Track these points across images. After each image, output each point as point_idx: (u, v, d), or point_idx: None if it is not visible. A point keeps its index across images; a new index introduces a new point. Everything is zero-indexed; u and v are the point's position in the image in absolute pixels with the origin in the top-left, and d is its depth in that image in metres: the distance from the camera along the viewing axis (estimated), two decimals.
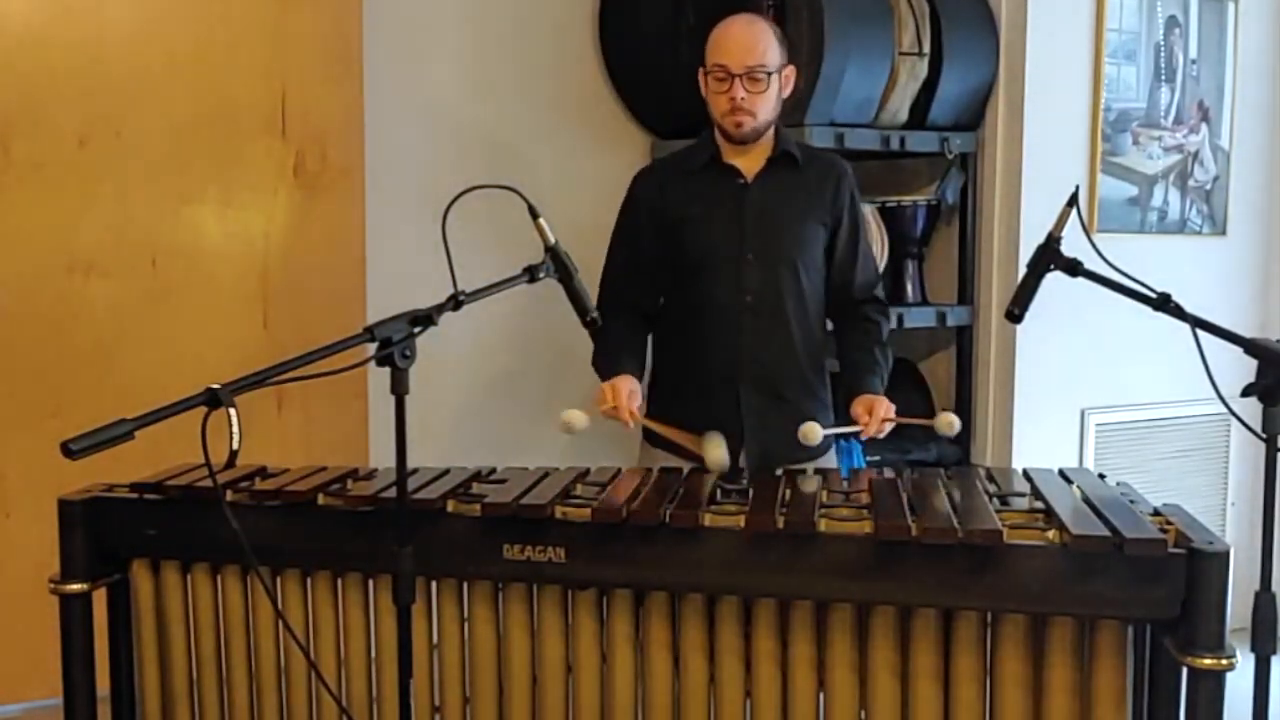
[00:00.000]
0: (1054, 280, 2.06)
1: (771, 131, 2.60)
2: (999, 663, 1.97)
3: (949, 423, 2.45)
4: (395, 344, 1.81)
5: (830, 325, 2.75)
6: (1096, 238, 2.12)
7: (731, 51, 2.50)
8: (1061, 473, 2.30)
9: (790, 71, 2.59)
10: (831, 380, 2.76)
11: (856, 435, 2.51)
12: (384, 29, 3.40)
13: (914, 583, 1.96)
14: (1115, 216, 3.63)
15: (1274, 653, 1.84)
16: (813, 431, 2.42)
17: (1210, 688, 1.85)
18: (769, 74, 2.51)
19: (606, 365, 2.60)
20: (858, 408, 2.52)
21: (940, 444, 3.56)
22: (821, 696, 2.06)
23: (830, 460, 2.74)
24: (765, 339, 2.60)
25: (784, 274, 2.60)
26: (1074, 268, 2.02)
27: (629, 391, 2.50)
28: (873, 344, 2.67)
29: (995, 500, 2.15)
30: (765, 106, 2.53)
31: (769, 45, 2.52)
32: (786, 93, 2.60)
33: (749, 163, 2.61)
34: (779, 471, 2.41)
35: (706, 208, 2.61)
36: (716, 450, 2.43)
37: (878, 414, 2.47)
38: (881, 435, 2.50)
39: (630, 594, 2.11)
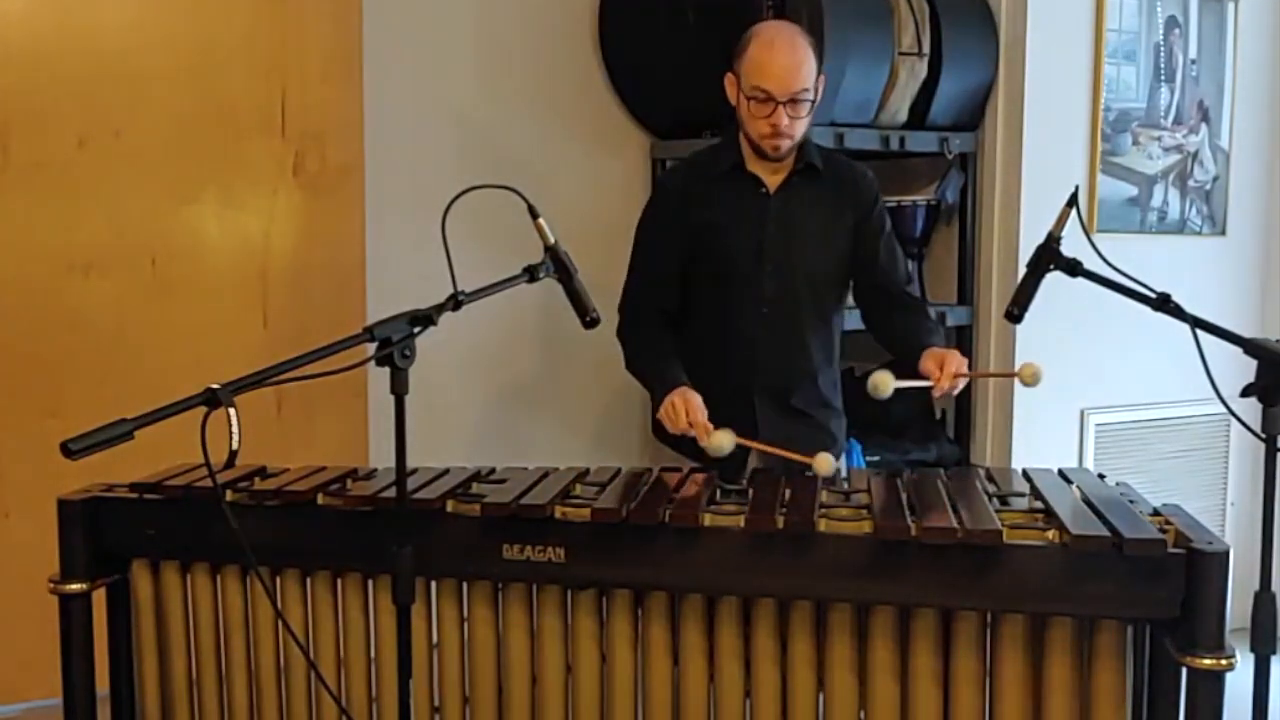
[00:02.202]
0: (1054, 280, 2.06)
1: None
2: (999, 663, 1.97)
3: (1033, 373, 2.29)
4: (395, 344, 1.81)
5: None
6: (1096, 238, 2.12)
7: (776, 77, 2.42)
8: (1061, 473, 2.30)
9: (822, 80, 2.52)
10: (849, 374, 2.70)
11: (930, 389, 2.38)
12: (384, 29, 3.40)
13: (913, 583, 1.96)
14: (1115, 216, 3.63)
15: (1274, 653, 1.84)
16: (884, 382, 2.31)
17: (1210, 688, 1.85)
18: (811, 100, 2.47)
19: (658, 373, 2.51)
20: (928, 362, 2.38)
21: (940, 444, 3.57)
22: (821, 696, 2.06)
23: None
24: (781, 350, 2.60)
25: (801, 287, 2.59)
26: (1074, 268, 2.02)
27: (699, 404, 2.40)
28: (925, 316, 2.63)
29: (995, 500, 2.14)
30: (804, 128, 2.50)
31: (811, 67, 2.46)
32: (819, 100, 2.53)
33: (772, 173, 2.58)
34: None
35: (727, 217, 2.58)
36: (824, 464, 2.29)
37: (949, 367, 2.34)
38: (955, 391, 2.39)
39: (630, 594, 2.11)
